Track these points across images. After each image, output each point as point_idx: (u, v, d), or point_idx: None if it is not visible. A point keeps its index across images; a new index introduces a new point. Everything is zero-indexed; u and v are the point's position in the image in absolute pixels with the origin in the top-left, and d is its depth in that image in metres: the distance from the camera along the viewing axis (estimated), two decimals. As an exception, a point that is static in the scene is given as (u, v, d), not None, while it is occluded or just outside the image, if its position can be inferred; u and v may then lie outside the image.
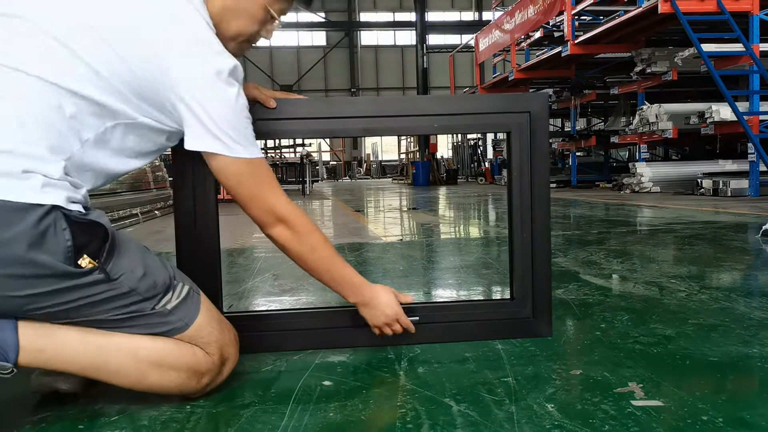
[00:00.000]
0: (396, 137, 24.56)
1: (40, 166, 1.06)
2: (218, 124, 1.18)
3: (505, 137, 1.69)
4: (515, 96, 1.62)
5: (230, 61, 1.20)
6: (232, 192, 1.25)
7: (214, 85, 1.17)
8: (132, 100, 1.17)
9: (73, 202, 1.09)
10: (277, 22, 1.36)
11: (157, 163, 7.50)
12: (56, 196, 1.06)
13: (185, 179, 1.51)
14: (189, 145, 1.20)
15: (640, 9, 8.39)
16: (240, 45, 1.34)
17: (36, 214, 1.02)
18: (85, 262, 1.07)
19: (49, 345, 1.11)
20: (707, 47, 7.77)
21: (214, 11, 1.26)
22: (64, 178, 1.10)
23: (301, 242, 1.31)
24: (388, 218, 6.39)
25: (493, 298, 2.26)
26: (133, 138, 1.22)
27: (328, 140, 28.50)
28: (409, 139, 20.90)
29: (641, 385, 1.27)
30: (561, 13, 10.62)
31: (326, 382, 1.35)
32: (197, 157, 1.26)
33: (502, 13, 14.52)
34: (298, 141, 13.76)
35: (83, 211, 1.10)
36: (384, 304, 1.44)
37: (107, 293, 1.11)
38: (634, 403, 1.18)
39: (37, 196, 1.03)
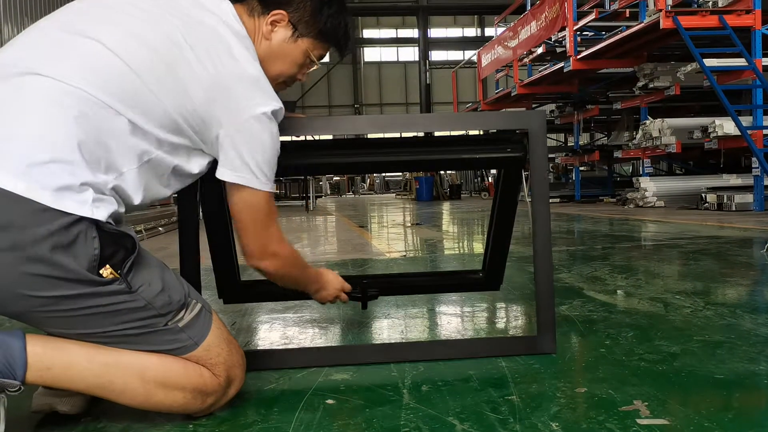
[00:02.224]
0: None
1: (93, 178, 1.11)
2: (258, 162, 1.26)
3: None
4: (513, 114, 1.63)
5: (277, 104, 1.28)
6: (240, 219, 1.32)
7: (262, 125, 1.25)
8: (186, 132, 1.24)
9: (110, 215, 1.13)
10: (315, 66, 1.45)
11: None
12: (102, 211, 1.10)
13: (190, 196, 1.52)
14: (225, 175, 1.27)
15: (642, 24, 8.43)
16: (278, 85, 1.43)
17: (68, 219, 1.06)
18: (106, 272, 1.10)
19: (56, 363, 1.11)
20: (709, 62, 7.79)
21: (259, 53, 1.35)
22: (112, 193, 1.15)
23: (281, 272, 1.42)
24: (391, 234, 6.39)
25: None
26: (177, 165, 1.27)
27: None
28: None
29: (646, 403, 1.26)
30: (563, 28, 10.67)
31: (329, 401, 1.34)
32: (204, 176, 1.32)
33: (504, 29, 14.59)
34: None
35: (113, 223, 1.14)
36: (329, 282, 1.61)
37: (124, 305, 1.13)
38: (640, 421, 1.17)
39: (83, 209, 1.07)
